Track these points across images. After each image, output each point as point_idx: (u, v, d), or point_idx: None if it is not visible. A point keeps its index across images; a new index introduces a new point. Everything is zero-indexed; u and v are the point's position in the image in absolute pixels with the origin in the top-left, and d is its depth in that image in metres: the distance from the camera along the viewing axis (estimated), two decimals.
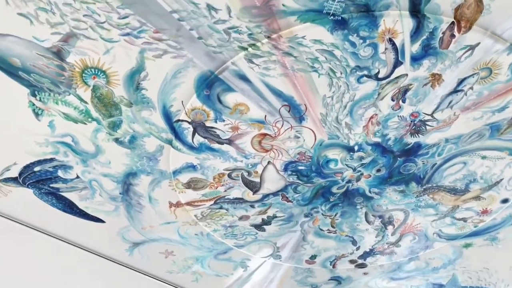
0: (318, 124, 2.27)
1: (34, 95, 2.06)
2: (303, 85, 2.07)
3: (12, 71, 1.95)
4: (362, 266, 3.55)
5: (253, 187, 2.65)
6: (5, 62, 1.91)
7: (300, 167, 2.53)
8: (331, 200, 2.84)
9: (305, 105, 2.16)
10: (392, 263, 3.56)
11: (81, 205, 2.68)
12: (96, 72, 1.98)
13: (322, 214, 2.96)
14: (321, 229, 3.13)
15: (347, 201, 2.86)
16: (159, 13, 1.76)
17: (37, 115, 2.15)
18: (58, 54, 1.90)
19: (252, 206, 2.81)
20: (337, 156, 2.49)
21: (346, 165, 2.55)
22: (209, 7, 1.74)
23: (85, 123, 2.20)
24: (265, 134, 2.30)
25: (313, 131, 2.31)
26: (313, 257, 3.41)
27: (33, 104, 2.10)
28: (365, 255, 3.43)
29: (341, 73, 2.02)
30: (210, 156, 2.42)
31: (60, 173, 2.46)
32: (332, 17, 1.78)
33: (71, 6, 1.73)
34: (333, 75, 2.03)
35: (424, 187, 2.77)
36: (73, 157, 2.38)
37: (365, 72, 2.02)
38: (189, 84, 2.05)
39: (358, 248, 3.36)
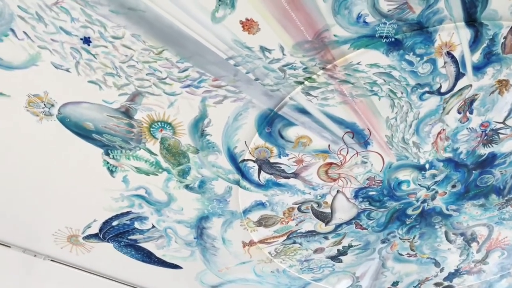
0: (385, 146, 2.22)
1: (107, 154, 2.18)
2: (364, 110, 2.05)
3: (87, 135, 2.08)
4: None
5: (325, 218, 2.61)
6: (80, 127, 2.04)
7: (371, 193, 2.47)
8: (407, 222, 2.73)
9: (368, 129, 2.13)
10: (482, 282, 3.33)
11: (158, 253, 2.76)
12: (163, 125, 2.07)
13: (400, 238, 2.85)
14: (401, 254, 3.01)
15: (424, 222, 2.74)
16: (216, 62, 1.82)
17: (111, 172, 2.27)
18: (127, 113, 2.01)
19: (326, 238, 2.76)
20: (409, 176, 2.42)
21: (419, 184, 2.46)
22: (263, 49, 1.78)
23: (156, 174, 2.29)
24: (331, 163, 2.28)
25: (380, 155, 2.27)
26: (395, 283, 3.27)
27: (107, 163, 2.21)
28: (451, 276, 3.24)
29: (402, 93, 1.99)
30: (277, 191, 2.43)
31: (136, 224, 2.56)
32: (385, 39, 1.77)
33: (134, 67, 1.84)
34: (394, 96, 2.00)
35: (506, 198, 2.61)
36: (147, 208, 2.47)
37: (427, 89, 1.98)
38: (250, 124, 2.09)
39: (442, 270, 3.18)
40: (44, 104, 1.95)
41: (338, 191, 2.45)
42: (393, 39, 1.77)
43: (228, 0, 1.63)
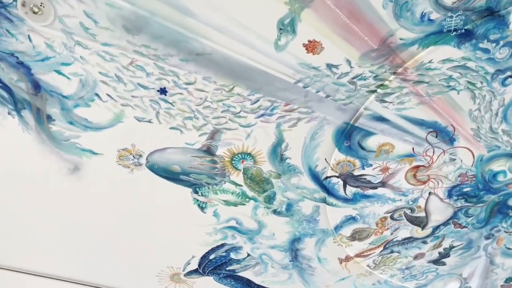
0: (472, 140, 2.12)
1: (196, 192, 2.27)
2: (444, 107, 1.97)
3: (175, 177, 2.19)
4: None
5: (420, 222, 2.52)
6: (168, 171, 2.16)
7: (465, 189, 2.35)
8: (510, 214, 2.56)
9: (452, 125, 2.04)
10: None
11: (257, 280, 2.80)
12: (243, 156, 2.13)
13: (505, 231, 2.67)
14: (508, 248, 2.81)
15: None
16: (285, 88, 1.86)
17: (202, 208, 2.36)
18: (208, 151, 2.10)
19: (425, 242, 2.66)
20: (504, 166, 2.27)
21: None
22: (329, 66, 1.79)
23: (244, 204, 2.35)
24: (418, 166, 2.21)
25: (468, 149, 2.16)
26: (509, 280, 3.05)
27: (197, 200, 2.31)
28: None
29: (481, 83, 1.89)
30: (366, 203, 2.38)
31: (232, 255, 2.63)
32: (454, 32, 1.70)
33: (209, 107, 1.92)
34: (473, 87, 1.91)
35: None
36: (240, 237, 2.53)
37: (509, 73, 1.87)
38: (328, 141, 2.09)
39: None
40: (133, 156, 2.09)
41: (430, 193, 2.36)
42: (463, 31, 1.70)
43: (288, 27, 1.66)
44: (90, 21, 1.62)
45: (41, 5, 1.58)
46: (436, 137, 2.08)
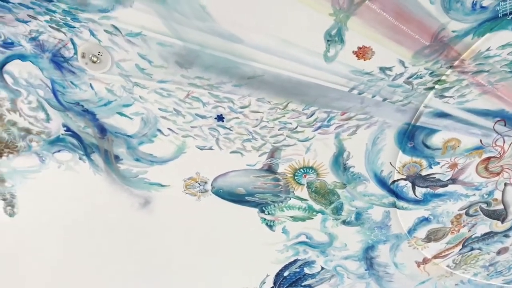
0: None
1: (262, 211, 2.29)
2: (509, 93, 1.88)
3: (240, 199, 2.22)
4: None
5: (499, 215, 2.39)
6: (233, 194, 2.19)
7: None
8: None
9: None
10: None
11: None
12: (305, 171, 2.13)
13: None
14: None
15: None
16: (339, 97, 1.84)
17: (270, 227, 2.36)
18: (270, 169, 2.11)
19: (507, 236, 2.52)
20: None
21: None
22: (383, 69, 1.76)
23: (312, 218, 2.33)
24: (489, 158, 2.11)
25: None
26: None
27: (265, 219, 2.32)
28: None
29: None
30: (438, 202, 2.30)
31: (306, 270, 2.61)
32: (511, 16, 1.63)
33: (266, 127, 1.94)
34: None
35: None
36: (312, 252, 2.51)
37: None
38: (390, 145, 2.05)
39: None
40: (199, 184, 2.14)
41: (505, 184, 2.24)
42: None
43: (336, 37, 1.65)
44: (145, 62, 1.69)
45: (99, 54, 1.68)
46: (505, 125, 1.98)
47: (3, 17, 1.57)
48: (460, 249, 2.57)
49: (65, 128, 1.92)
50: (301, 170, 2.13)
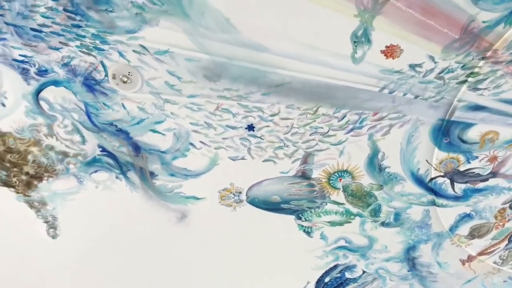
0: None
1: (299, 218, 2.27)
2: None
3: (276, 207, 2.21)
4: None
5: None
6: (268, 203, 2.19)
7: None
8: None
9: None
10: None
11: None
12: (340, 174, 2.11)
13: None
14: None
15: None
16: (370, 98, 1.82)
17: (308, 233, 2.35)
18: (304, 175, 2.10)
19: None
20: None
21: None
22: (412, 66, 1.73)
23: (350, 222, 2.30)
24: None
25: None
26: None
27: (302, 226, 2.31)
28: None
29: None
30: (480, 197, 2.23)
31: (347, 275, 2.57)
32: None
33: (297, 133, 1.93)
34: None
35: None
36: (352, 256, 2.47)
37: None
38: (425, 142, 2.00)
39: None
40: (233, 194, 2.15)
41: None
42: None
43: (362, 38, 1.64)
44: (174, 78, 1.72)
45: (129, 74, 1.71)
46: None
47: (37, 46, 1.63)
48: (506, 244, 2.49)
49: (100, 149, 1.96)
50: (336, 174, 2.11)
